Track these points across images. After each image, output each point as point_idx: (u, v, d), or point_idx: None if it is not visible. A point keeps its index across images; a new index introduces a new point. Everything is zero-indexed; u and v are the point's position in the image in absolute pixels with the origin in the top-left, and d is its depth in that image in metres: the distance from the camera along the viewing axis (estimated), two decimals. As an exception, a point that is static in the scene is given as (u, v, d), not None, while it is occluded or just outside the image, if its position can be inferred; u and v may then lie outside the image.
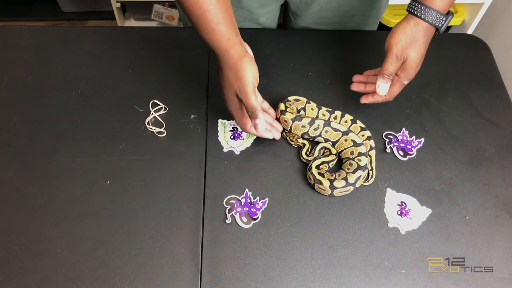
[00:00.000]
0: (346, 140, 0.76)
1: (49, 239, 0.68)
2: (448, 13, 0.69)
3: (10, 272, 0.65)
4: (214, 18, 0.63)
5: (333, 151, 0.77)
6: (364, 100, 0.76)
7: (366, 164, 0.73)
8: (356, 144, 0.75)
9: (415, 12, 0.68)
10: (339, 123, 0.80)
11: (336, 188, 0.71)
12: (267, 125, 0.74)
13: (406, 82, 0.73)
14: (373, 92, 0.75)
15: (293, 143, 0.78)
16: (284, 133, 0.79)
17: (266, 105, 0.79)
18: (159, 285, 0.64)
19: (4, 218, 0.69)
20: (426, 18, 0.67)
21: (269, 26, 1.00)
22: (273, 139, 0.76)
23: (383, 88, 0.73)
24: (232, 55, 0.65)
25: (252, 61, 0.66)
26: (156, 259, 0.66)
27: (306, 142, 0.78)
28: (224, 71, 0.67)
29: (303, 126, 0.77)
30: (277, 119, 0.79)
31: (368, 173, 0.75)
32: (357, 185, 0.72)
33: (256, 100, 0.66)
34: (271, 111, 0.80)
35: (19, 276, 0.65)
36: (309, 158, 0.76)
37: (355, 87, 0.78)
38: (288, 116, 0.77)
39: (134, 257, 0.66)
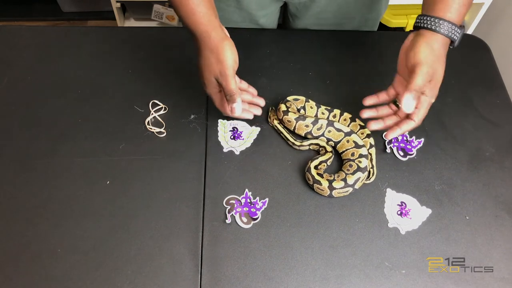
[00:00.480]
0: (348, 141, 0.76)
1: (49, 239, 0.68)
2: (461, 26, 0.65)
3: (10, 272, 0.65)
4: None
5: (328, 148, 0.76)
6: (391, 134, 0.68)
7: (366, 166, 0.72)
8: (357, 146, 0.75)
9: (427, 26, 0.64)
10: (338, 121, 0.80)
11: (335, 188, 0.71)
12: (245, 105, 0.76)
13: (433, 101, 0.66)
14: (387, 115, 0.70)
15: (269, 120, 0.80)
16: (269, 110, 0.81)
17: (244, 84, 0.79)
18: (159, 285, 0.64)
19: (4, 218, 0.69)
20: (441, 30, 0.63)
21: (268, 27, 1.00)
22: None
23: (411, 105, 0.63)
24: (213, 37, 0.65)
25: (233, 45, 0.66)
26: (156, 259, 0.66)
27: (280, 127, 0.79)
28: (205, 54, 0.67)
29: (307, 126, 0.77)
30: (281, 120, 0.79)
31: (369, 172, 0.75)
32: (356, 186, 0.72)
33: (235, 84, 0.67)
34: (251, 89, 0.80)
35: (19, 276, 0.65)
36: (299, 143, 0.77)
37: (366, 115, 0.71)
38: (292, 116, 0.77)
39: (134, 257, 0.66)
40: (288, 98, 0.81)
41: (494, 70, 0.92)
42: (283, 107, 0.78)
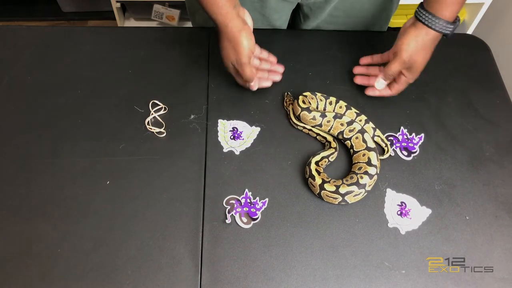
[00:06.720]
0: (364, 155, 0.74)
1: (49, 239, 0.68)
2: (455, 20, 0.72)
3: (10, 272, 0.65)
4: None
5: (333, 144, 0.76)
6: (370, 92, 0.82)
7: (366, 184, 0.71)
8: (369, 163, 0.73)
9: (423, 21, 0.72)
10: (334, 109, 0.81)
11: (325, 190, 0.70)
12: (264, 74, 0.82)
13: (411, 81, 0.78)
14: (374, 75, 0.82)
15: (285, 105, 0.82)
16: (285, 95, 0.83)
17: (265, 54, 0.84)
18: (159, 285, 0.64)
19: (4, 218, 0.69)
20: (434, 27, 0.72)
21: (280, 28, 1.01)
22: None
23: (381, 84, 0.81)
24: (231, 28, 0.71)
25: (249, 34, 0.72)
26: (156, 259, 0.66)
27: (290, 108, 0.81)
28: (224, 43, 0.74)
29: (329, 121, 0.78)
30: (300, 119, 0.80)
31: (383, 149, 0.78)
32: (347, 198, 0.70)
33: (251, 70, 0.75)
34: (271, 57, 0.85)
35: (19, 276, 0.65)
36: (298, 123, 0.78)
37: (359, 81, 0.84)
38: (316, 114, 0.77)
39: (134, 257, 0.66)
40: (286, 99, 0.81)
41: (494, 70, 0.92)
42: (301, 104, 0.78)
